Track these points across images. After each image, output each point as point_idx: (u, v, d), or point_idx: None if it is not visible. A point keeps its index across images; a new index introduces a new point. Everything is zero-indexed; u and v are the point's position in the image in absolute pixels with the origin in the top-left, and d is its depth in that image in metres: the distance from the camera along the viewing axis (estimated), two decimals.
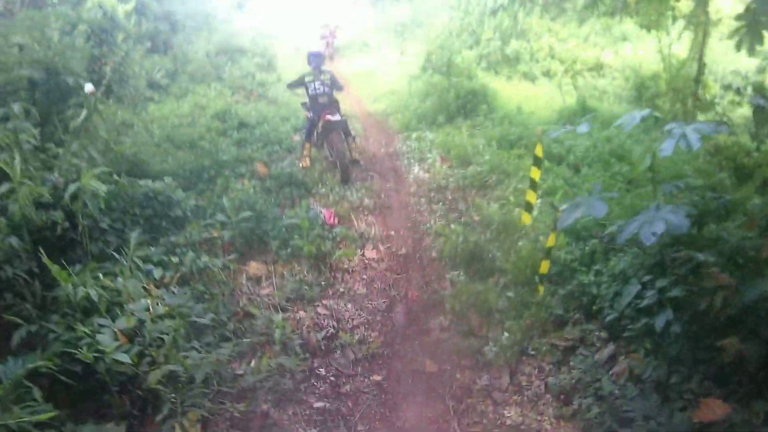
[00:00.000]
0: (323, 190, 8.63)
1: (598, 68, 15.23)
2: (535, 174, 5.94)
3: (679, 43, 11.62)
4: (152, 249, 5.79)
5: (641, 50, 15.23)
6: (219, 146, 9.53)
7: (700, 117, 10.18)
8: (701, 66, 10.27)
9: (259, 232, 6.89)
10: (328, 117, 9.04)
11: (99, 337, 3.98)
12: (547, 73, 15.39)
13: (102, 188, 5.35)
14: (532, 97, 13.00)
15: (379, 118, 13.35)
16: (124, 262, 5.00)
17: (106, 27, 11.23)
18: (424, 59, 14.32)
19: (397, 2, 23.32)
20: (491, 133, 10.21)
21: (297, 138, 10.62)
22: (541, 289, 5.28)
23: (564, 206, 4.33)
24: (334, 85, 9.57)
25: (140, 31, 15.17)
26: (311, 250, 6.45)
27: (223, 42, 16.70)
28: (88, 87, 6.42)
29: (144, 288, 4.90)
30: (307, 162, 9.37)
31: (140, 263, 5.30)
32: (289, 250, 6.61)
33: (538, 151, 5.78)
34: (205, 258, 5.94)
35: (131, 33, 12.50)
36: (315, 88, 9.42)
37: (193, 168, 8.43)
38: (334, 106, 9.46)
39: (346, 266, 6.56)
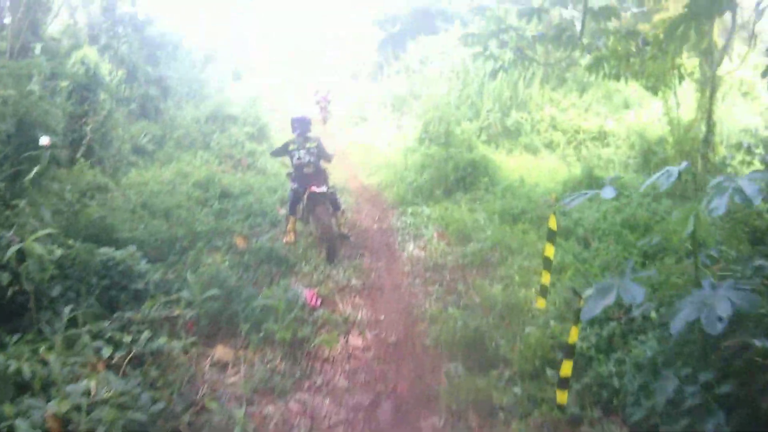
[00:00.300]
0: (307, 267, 8.01)
1: (601, 137, 14.84)
2: (549, 251, 5.29)
3: (685, 103, 11.31)
4: (106, 323, 5.25)
5: (645, 116, 14.98)
6: (196, 216, 9.04)
7: (711, 179, 9.58)
8: (710, 126, 9.91)
9: (229, 312, 6.21)
10: (314, 188, 8.54)
11: (18, 422, 3.50)
12: (550, 145, 15.08)
13: (55, 252, 5.11)
14: (534, 169, 12.61)
15: (374, 191, 12.87)
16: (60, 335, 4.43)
17: (88, 84, 10.88)
18: (421, 130, 13.95)
19: (396, 76, 23.34)
20: (493, 207, 9.79)
21: (283, 211, 10.08)
22: (565, 396, 4.52)
23: (588, 291, 3.61)
24: (321, 153, 9.00)
25: (131, 94, 15.18)
26: (285, 336, 5.72)
27: (214, 109, 16.40)
28: (43, 140, 5.94)
29: (92, 366, 4.48)
30: (291, 237, 8.80)
31: (88, 339, 4.82)
32: (261, 334, 5.90)
33: (552, 224, 5.14)
34: (163, 339, 5.28)
35: (114, 92, 12.21)
36: (300, 156, 8.85)
37: (166, 238, 7.96)
38: (321, 176, 8.92)
39: (326, 355, 5.84)
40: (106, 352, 4.80)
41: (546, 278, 5.53)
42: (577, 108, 16.24)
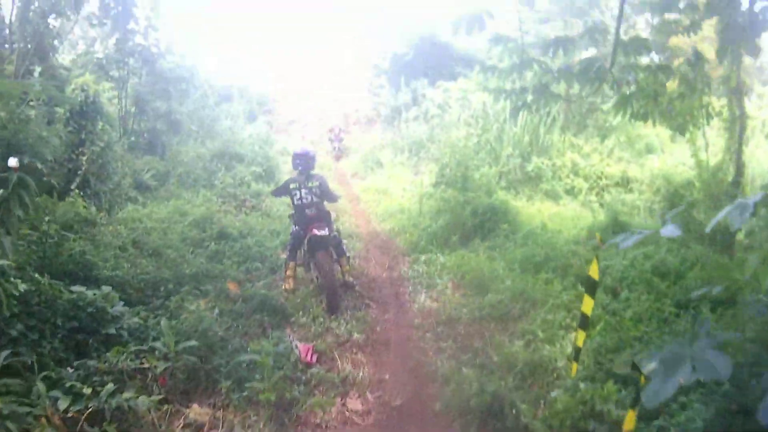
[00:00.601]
0: (304, 318, 7.31)
1: (624, 183, 14.62)
2: (587, 305, 4.46)
3: (712, 145, 11.04)
4: (69, 371, 4.80)
5: (668, 161, 14.92)
6: (187, 257, 8.46)
7: None
8: (740, 167, 9.54)
9: (209, 367, 5.54)
10: (315, 231, 7.94)
11: None
12: (571, 191, 14.73)
13: (19, 287, 4.87)
14: (556, 216, 12.15)
15: (386, 237, 12.23)
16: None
17: (87, 112, 10.50)
18: (437, 174, 13.37)
19: (414, 121, 22.95)
20: (513, 255, 9.13)
21: (284, 255, 9.45)
22: None
23: (651, 364, 2.79)
24: (325, 193, 8.37)
25: (139, 128, 15.16)
26: (270, 397, 5.03)
27: (221, 147, 16.04)
28: (11, 161, 5.41)
29: (46, 420, 4.11)
30: (290, 284, 8.17)
31: (44, 387, 4.35)
32: (245, 393, 5.22)
33: (594, 272, 4.31)
34: (128, 393, 4.65)
35: (115, 122, 11.80)
36: (301, 196, 8.26)
37: (151, 279, 7.46)
38: (324, 218, 8.31)
39: (318, 420, 5.12)
40: (63, 403, 4.32)
41: (581, 339, 4.70)
42: (599, 153, 16.10)
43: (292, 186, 8.32)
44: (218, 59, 31.86)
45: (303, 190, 8.23)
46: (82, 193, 9.31)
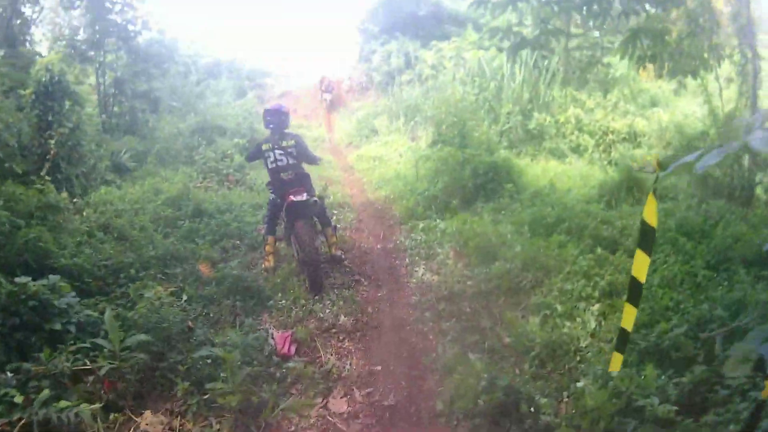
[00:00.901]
0: (284, 301, 6.37)
1: (632, 137, 13.94)
2: (641, 266, 2.53)
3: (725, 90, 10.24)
4: (8, 375, 4.15)
5: (677, 113, 14.28)
6: (154, 238, 7.56)
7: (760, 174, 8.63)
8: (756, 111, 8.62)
9: (164, 365, 4.61)
10: (292, 198, 6.89)
11: None
12: (576, 149, 13.99)
13: None
14: (562, 175, 11.29)
15: (380, 206, 11.26)
16: None
17: (53, 92, 9.84)
18: (434, 132, 12.34)
19: (408, 85, 21.96)
20: (521, 218, 8.19)
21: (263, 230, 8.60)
22: None
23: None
24: (302, 154, 7.32)
25: (119, 109, 14.57)
26: (231, 401, 4.10)
27: (201, 121, 15.05)
28: None
29: None
30: (270, 261, 7.28)
31: None
32: (206, 396, 4.29)
33: (650, 215, 2.48)
34: (67, 401, 3.93)
35: (84, 102, 10.97)
36: (275, 158, 7.19)
37: (113, 266, 6.61)
38: (303, 182, 7.25)
39: (293, 428, 4.22)
40: None
41: (630, 319, 2.74)
42: (602, 108, 15.37)
43: (264, 147, 7.27)
44: (204, 34, 30.60)
45: (277, 152, 7.17)
46: (51, 179, 8.64)
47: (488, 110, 14.83)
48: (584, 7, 7.82)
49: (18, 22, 12.86)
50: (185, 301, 6.12)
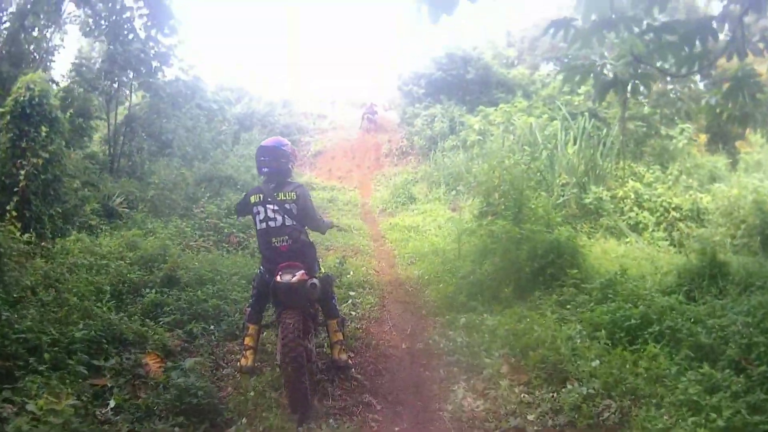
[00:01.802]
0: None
1: (696, 215, 13.10)
2: None
3: None
4: None
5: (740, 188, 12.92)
6: (90, 312, 5.50)
7: None
8: None
9: None
10: (278, 277, 4.76)
11: None
12: (635, 227, 12.99)
13: None
14: (625, 257, 9.97)
15: (411, 287, 9.06)
16: None
17: (30, 115, 8.71)
18: (482, 202, 10.17)
19: (450, 151, 20.31)
20: (594, 316, 6.27)
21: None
22: None
23: None
24: (304, 214, 5.17)
25: (129, 148, 13.63)
26: None
27: (209, 170, 13.23)
28: None
29: None
30: (248, 359, 5.05)
31: None
32: None
33: None
34: None
35: (65, 130, 9.81)
36: (266, 216, 5.05)
37: (32, 340, 4.70)
38: (301, 254, 5.07)
39: None
40: None
41: None
42: (662, 182, 14.63)
43: (253, 200, 5.14)
44: (236, 77, 29.57)
45: (269, 207, 5.04)
46: (18, 215, 7.75)
47: (540, 181, 13.23)
48: (685, 46, 5.71)
49: (23, 36, 12.27)
50: (111, 410, 4.17)
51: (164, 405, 4.22)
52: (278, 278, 4.74)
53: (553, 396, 4.87)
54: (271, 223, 5.02)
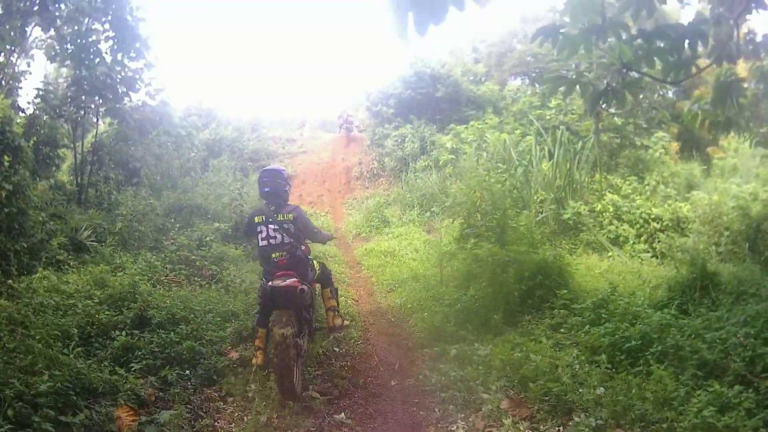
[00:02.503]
0: None
1: (676, 224, 12.82)
2: None
3: None
4: None
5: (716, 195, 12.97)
6: (56, 361, 5.06)
7: None
8: None
9: None
10: (271, 282, 5.59)
11: None
12: (615, 240, 12.80)
13: None
14: (609, 272, 9.86)
15: (394, 317, 8.71)
16: None
17: None
18: (462, 225, 9.87)
19: (423, 172, 20.00)
20: (591, 339, 6.14)
21: (233, 355, 6.23)
22: None
23: None
24: (303, 231, 6.06)
25: (96, 178, 13.17)
26: None
27: (179, 200, 12.78)
28: None
29: None
30: (259, 358, 5.66)
31: None
32: None
33: None
34: None
35: (29, 157, 9.12)
36: (268, 235, 5.86)
37: None
38: (296, 266, 5.85)
39: None
40: None
41: None
42: (640, 193, 14.55)
43: (256, 220, 5.97)
44: (203, 100, 29.07)
45: (270, 227, 5.86)
46: None
47: (516, 198, 12.95)
48: (674, 53, 5.56)
49: None
50: None
51: None
52: (271, 282, 5.53)
53: (559, 430, 4.69)
54: (272, 240, 5.83)
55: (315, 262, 6.52)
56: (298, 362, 5.43)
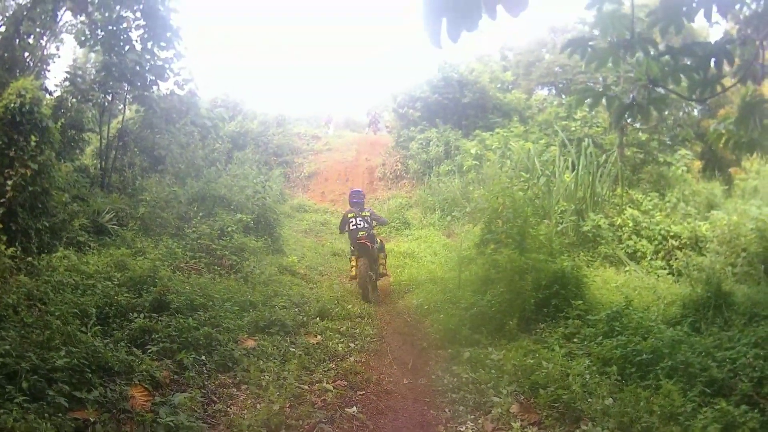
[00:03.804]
0: None
1: (694, 243, 12.78)
2: None
3: None
4: None
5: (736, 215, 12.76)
6: (75, 338, 5.10)
7: None
8: None
9: None
10: (360, 239, 10.14)
11: None
12: (633, 255, 12.79)
13: None
14: (625, 287, 9.68)
15: (410, 318, 8.78)
16: None
17: (19, 123, 8.33)
18: (483, 230, 9.88)
19: (446, 176, 20.01)
20: (603, 350, 6.13)
21: (250, 343, 6.26)
22: None
23: None
24: (375, 219, 10.92)
25: (122, 163, 13.49)
26: None
27: (202, 189, 12.94)
28: None
29: None
30: (354, 272, 10.06)
31: None
32: None
33: None
34: None
35: (55, 139, 9.26)
36: (356, 223, 10.42)
37: (8, 367, 4.32)
38: (370, 239, 10.32)
39: None
40: None
41: None
42: (660, 210, 14.69)
43: (349, 215, 10.62)
44: (237, 102, 29.10)
45: (358, 219, 10.49)
46: (4, 228, 7.65)
47: (537, 208, 12.81)
48: (700, 71, 5.50)
49: (17, 42, 12.11)
50: None
51: None
52: (360, 239, 10.11)
53: None
54: (359, 226, 10.40)
55: (378, 238, 10.94)
56: (370, 282, 9.93)
